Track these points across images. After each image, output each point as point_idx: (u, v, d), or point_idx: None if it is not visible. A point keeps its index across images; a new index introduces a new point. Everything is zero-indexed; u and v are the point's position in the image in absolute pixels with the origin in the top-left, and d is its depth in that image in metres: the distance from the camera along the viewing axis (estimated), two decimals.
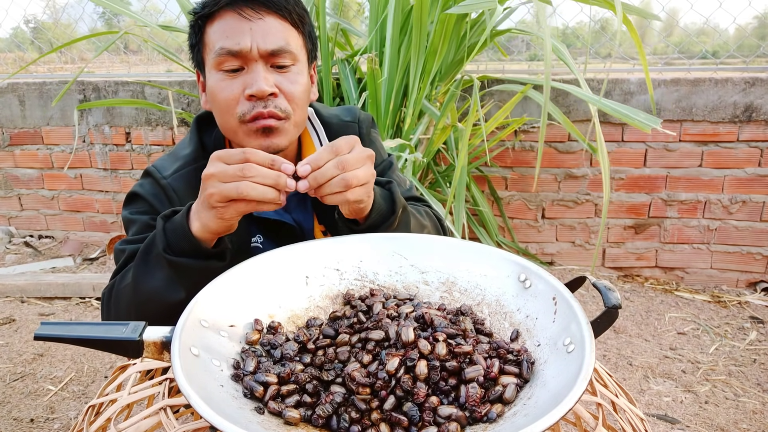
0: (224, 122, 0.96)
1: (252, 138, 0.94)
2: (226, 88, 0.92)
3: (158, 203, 0.98)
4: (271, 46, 0.91)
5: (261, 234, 1.05)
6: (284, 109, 0.93)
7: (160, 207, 0.97)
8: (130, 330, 0.61)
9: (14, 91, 2.91)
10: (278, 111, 0.92)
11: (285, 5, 0.93)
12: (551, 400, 0.53)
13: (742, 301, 2.35)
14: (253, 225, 1.04)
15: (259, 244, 1.05)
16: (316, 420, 0.58)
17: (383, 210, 0.89)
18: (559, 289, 0.67)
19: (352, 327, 0.71)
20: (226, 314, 0.70)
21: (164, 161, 1.03)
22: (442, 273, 0.80)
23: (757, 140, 2.31)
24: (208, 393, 0.54)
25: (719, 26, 2.87)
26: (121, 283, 0.90)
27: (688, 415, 1.63)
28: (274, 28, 0.92)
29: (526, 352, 0.65)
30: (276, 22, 0.92)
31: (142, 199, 0.99)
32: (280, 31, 0.92)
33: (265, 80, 0.90)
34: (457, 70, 2.20)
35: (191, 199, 0.91)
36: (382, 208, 0.89)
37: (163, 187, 0.98)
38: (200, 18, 0.94)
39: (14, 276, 2.62)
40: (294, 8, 0.95)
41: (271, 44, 0.91)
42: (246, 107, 0.92)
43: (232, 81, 0.92)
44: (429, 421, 0.57)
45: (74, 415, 1.67)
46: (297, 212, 1.07)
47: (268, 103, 0.91)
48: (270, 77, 0.92)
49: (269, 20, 0.91)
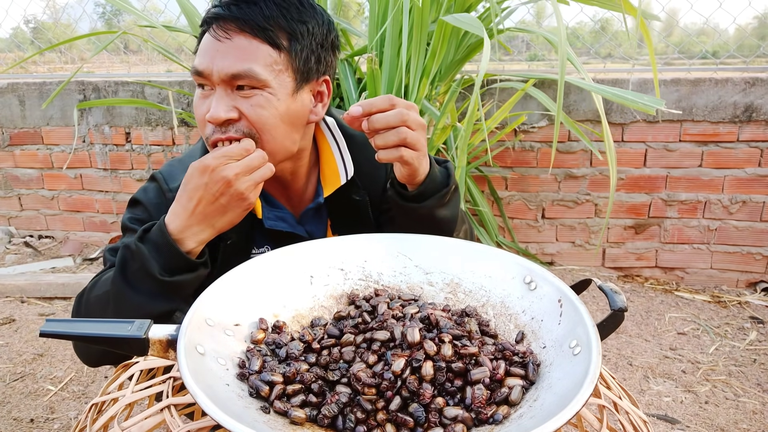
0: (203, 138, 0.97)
1: None
2: (198, 107, 0.91)
3: (158, 214, 0.96)
4: (229, 71, 0.85)
5: (270, 245, 1.03)
6: (245, 132, 0.89)
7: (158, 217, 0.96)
8: (136, 328, 0.61)
9: (14, 91, 2.91)
10: (237, 134, 0.88)
11: (261, 23, 0.86)
12: (557, 402, 0.53)
13: (742, 301, 2.36)
14: (262, 236, 1.02)
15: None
16: (322, 420, 0.58)
17: (438, 180, 0.89)
18: (564, 292, 0.67)
19: (356, 327, 0.71)
20: (232, 313, 0.70)
21: (173, 168, 1.00)
22: (447, 274, 0.80)
23: (757, 140, 2.32)
24: (214, 392, 0.54)
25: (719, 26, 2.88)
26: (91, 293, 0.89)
27: (688, 415, 1.63)
28: (240, 50, 0.86)
29: (531, 354, 0.65)
30: (245, 43, 0.86)
31: (143, 207, 0.98)
32: (246, 54, 0.86)
33: (220, 107, 0.87)
34: (456, 69, 2.20)
35: None
36: (437, 178, 0.89)
37: (168, 200, 0.96)
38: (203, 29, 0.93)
39: (14, 276, 2.62)
40: (278, 23, 0.87)
41: (230, 68, 0.85)
42: (209, 131, 0.90)
43: (203, 101, 0.90)
44: (435, 422, 0.57)
45: (74, 415, 1.66)
46: (311, 224, 1.06)
47: (227, 129, 0.88)
48: (229, 102, 0.87)
49: (237, 41, 0.86)
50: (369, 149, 0.91)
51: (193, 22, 2.21)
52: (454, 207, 0.94)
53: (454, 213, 0.94)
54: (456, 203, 0.95)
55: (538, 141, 2.52)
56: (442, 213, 0.92)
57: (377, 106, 0.80)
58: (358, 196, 1.03)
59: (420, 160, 0.85)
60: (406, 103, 0.82)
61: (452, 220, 0.95)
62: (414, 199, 0.91)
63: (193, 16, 2.21)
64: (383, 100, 0.80)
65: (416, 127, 0.82)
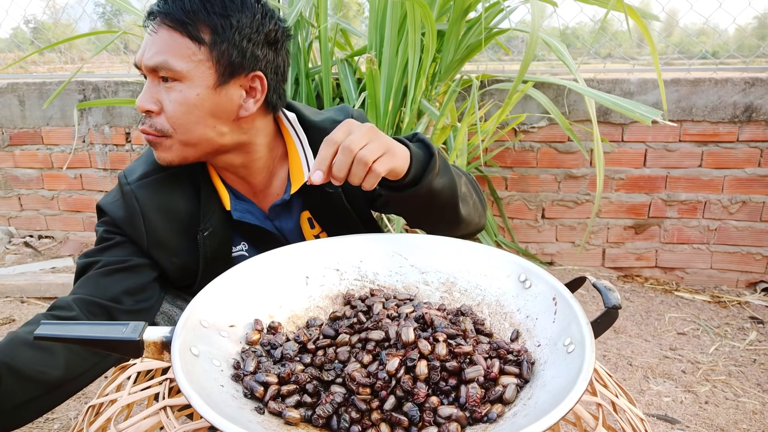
0: None
1: None
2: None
3: (117, 212, 0.97)
4: (150, 62, 0.90)
5: (245, 241, 1.05)
6: (159, 129, 0.92)
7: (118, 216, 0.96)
8: (131, 330, 0.61)
9: (14, 91, 2.91)
10: (151, 129, 0.93)
11: (180, 17, 0.89)
12: (551, 400, 0.53)
13: (742, 301, 2.35)
14: (237, 233, 1.04)
15: (245, 251, 1.04)
16: (317, 420, 0.58)
17: (421, 156, 0.87)
18: (559, 290, 0.68)
19: (352, 327, 0.71)
20: (226, 314, 0.70)
21: (135, 164, 1.03)
22: (442, 273, 0.80)
23: (757, 140, 2.31)
24: (209, 393, 0.54)
25: (719, 26, 2.88)
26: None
27: (688, 415, 1.63)
28: (161, 43, 0.90)
29: (526, 353, 0.65)
30: (167, 36, 0.90)
31: (102, 211, 1.00)
32: (165, 47, 0.89)
33: (144, 97, 0.92)
34: (456, 69, 2.20)
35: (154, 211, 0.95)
36: (419, 155, 0.87)
37: (125, 194, 0.97)
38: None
39: (14, 276, 2.62)
40: (199, 19, 0.89)
41: (151, 60, 0.90)
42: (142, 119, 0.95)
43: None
44: (429, 421, 0.57)
45: (74, 415, 1.67)
46: (280, 219, 1.07)
47: (146, 120, 0.93)
48: (152, 93, 0.92)
49: (162, 34, 0.90)
50: None
51: None
52: (447, 170, 0.92)
53: (449, 177, 0.92)
54: (446, 166, 0.92)
55: (538, 141, 2.52)
56: (440, 182, 0.90)
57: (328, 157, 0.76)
58: (330, 188, 1.02)
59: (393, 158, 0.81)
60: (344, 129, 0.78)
61: (452, 184, 0.92)
62: (410, 185, 0.87)
63: None
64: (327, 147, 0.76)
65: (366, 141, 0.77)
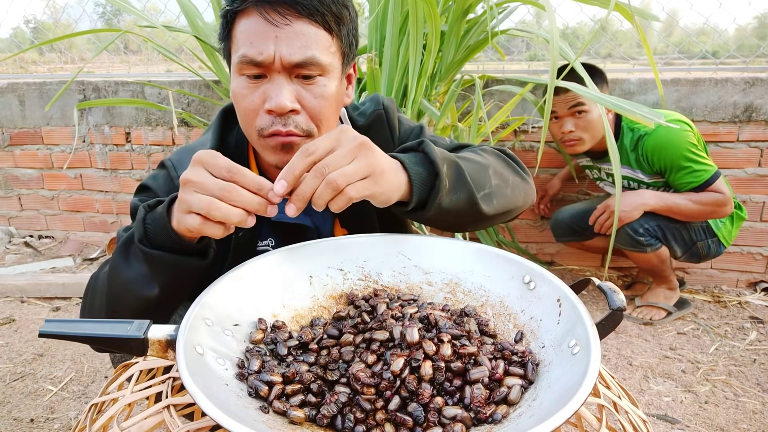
0: (245, 131, 0.92)
1: (270, 152, 0.89)
2: (247, 96, 0.87)
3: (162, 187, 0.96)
4: (296, 58, 0.82)
5: (273, 237, 1.01)
6: (305, 129, 0.87)
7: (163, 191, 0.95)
8: (135, 328, 0.61)
9: (14, 91, 2.91)
10: (297, 130, 0.86)
11: (318, 8, 0.83)
12: (556, 401, 0.53)
13: (742, 301, 2.36)
14: (266, 228, 1.00)
15: (270, 248, 1.00)
16: (321, 420, 0.58)
17: (424, 177, 0.79)
18: (563, 291, 0.67)
19: (356, 327, 0.71)
20: (231, 313, 0.70)
21: (182, 155, 0.98)
22: (446, 274, 0.80)
23: (757, 140, 2.32)
24: (213, 392, 0.54)
25: (719, 26, 2.88)
26: (100, 271, 0.87)
27: (688, 415, 1.63)
28: (303, 37, 0.83)
29: (530, 354, 0.65)
30: (306, 28, 0.83)
31: (153, 192, 0.96)
32: (309, 40, 0.83)
33: (286, 96, 0.83)
34: (456, 69, 2.20)
35: None
36: (422, 177, 0.79)
37: (177, 187, 0.94)
38: (229, 12, 0.87)
39: (14, 276, 2.62)
40: (329, 8, 0.85)
41: (297, 56, 0.82)
42: (265, 122, 0.86)
43: (254, 90, 0.86)
44: (434, 421, 0.57)
45: (74, 415, 1.67)
46: (317, 215, 1.03)
47: (288, 121, 0.85)
48: (292, 91, 0.85)
49: (297, 26, 0.82)
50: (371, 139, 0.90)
51: (193, 22, 2.21)
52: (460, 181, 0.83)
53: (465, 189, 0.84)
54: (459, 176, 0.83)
55: (538, 141, 2.52)
56: (453, 199, 0.82)
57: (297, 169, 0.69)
58: None
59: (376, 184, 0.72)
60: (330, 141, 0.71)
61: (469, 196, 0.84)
62: (416, 209, 0.82)
63: (193, 16, 2.21)
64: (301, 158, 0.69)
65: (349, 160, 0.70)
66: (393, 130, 1.07)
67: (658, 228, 2.07)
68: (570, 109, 2.03)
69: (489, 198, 0.88)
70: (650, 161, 2.02)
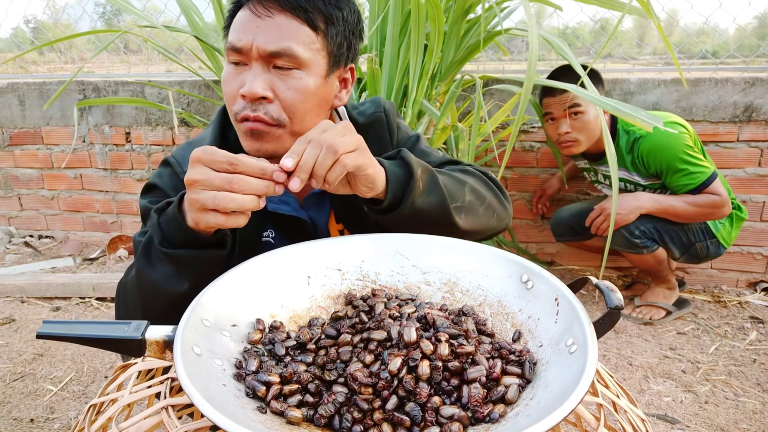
0: (230, 116, 0.95)
1: (244, 138, 0.92)
2: (229, 82, 0.91)
3: (168, 184, 0.98)
4: (271, 48, 0.86)
5: (273, 229, 1.03)
6: (275, 117, 0.89)
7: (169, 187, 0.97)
8: (133, 329, 0.61)
9: (14, 91, 2.91)
10: (267, 117, 0.89)
11: (302, 4, 0.87)
12: (554, 400, 0.53)
13: (742, 301, 2.35)
14: (267, 219, 1.03)
15: (270, 239, 1.03)
16: (319, 420, 0.58)
17: (399, 176, 0.85)
18: (561, 290, 0.67)
19: (354, 327, 0.71)
20: (229, 314, 0.70)
21: (184, 152, 1.00)
22: (444, 273, 0.80)
23: (757, 140, 2.32)
24: (211, 392, 0.54)
25: (719, 26, 2.88)
26: (127, 277, 0.90)
27: (688, 415, 1.63)
28: (281, 28, 0.87)
29: (528, 353, 0.65)
30: (287, 22, 0.87)
31: (160, 190, 0.98)
32: (287, 32, 0.87)
33: (258, 83, 0.87)
34: (457, 69, 2.20)
35: None
36: (398, 176, 0.85)
37: (177, 174, 0.98)
38: (235, 5, 0.93)
39: (14, 276, 2.62)
40: (317, 6, 0.89)
41: (272, 45, 0.86)
42: (239, 106, 0.89)
43: (236, 76, 0.90)
44: (431, 421, 0.57)
45: (74, 415, 1.67)
46: (313, 209, 1.05)
47: (258, 107, 0.88)
48: (266, 80, 0.88)
49: (279, 19, 0.87)
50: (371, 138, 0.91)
51: (193, 22, 2.21)
52: (434, 187, 0.89)
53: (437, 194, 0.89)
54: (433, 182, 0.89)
55: (538, 141, 2.52)
56: (426, 201, 0.87)
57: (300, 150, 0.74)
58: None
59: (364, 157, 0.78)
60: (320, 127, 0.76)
61: (442, 201, 0.90)
62: (391, 208, 0.86)
63: (193, 16, 2.21)
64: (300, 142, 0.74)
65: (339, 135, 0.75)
66: (392, 134, 1.10)
67: (655, 230, 2.07)
68: (566, 111, 2.02)
69: (460, 211, 0.93)
70: (646, 164, 2.02)
